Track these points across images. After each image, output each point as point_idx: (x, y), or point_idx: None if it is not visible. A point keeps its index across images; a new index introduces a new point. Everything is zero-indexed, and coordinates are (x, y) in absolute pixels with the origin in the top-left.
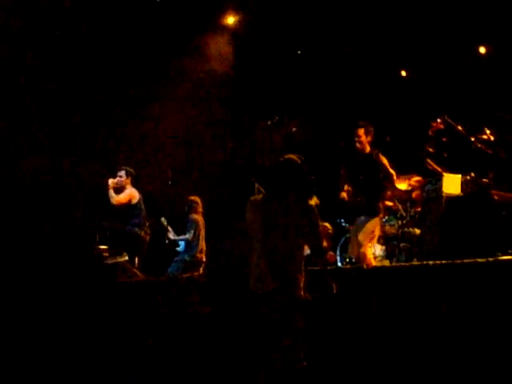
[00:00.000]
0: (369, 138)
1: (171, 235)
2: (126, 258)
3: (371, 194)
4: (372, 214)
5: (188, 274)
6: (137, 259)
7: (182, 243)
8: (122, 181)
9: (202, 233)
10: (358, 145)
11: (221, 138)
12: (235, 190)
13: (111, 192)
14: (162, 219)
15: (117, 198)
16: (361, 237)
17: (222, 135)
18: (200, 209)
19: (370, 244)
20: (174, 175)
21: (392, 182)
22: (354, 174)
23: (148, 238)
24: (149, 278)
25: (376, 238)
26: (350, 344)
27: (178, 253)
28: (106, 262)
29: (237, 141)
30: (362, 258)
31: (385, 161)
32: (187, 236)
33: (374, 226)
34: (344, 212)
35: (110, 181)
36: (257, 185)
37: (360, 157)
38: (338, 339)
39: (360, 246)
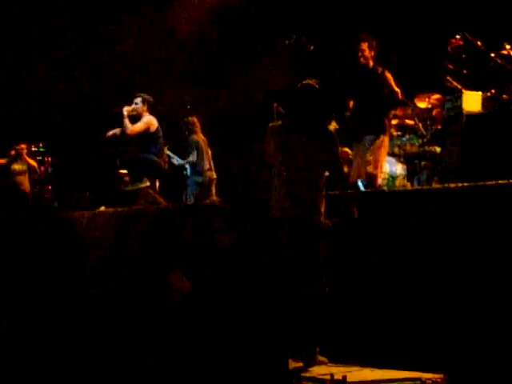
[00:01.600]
0: (372, 53)
1: (175, 161)
2: (148, 183)
3: (377, 111)
4: (379, 132)
5: (209, 201)
6: (158, 184)
7: (187, 166)
8: (138, 108)
9: (206, 151)
10: (361, 60)
11: (238, 60)
12: (254, 112)
13: (126, 121)
14: None
15: (131, 128)
16: (371, 156)
17: (239, 57)
18: (198, 128)
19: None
20: (192, 99)
21: (397, 99)
22: (359, 90)
23: (166, 166)
24: (171, 204)
25: (386, 156)
26: (371, 270)
27: (187, 177)
28: (128, 189)
29: (254, 62)
30: (370, 178)
31: (390, 77)
32: (191, 158)
33: (383, 143)
34: (349, 131)
35: (125, 109)
36: (275, 105)
37: (364, 72)
38: (359, 265)
39: (371, 165)
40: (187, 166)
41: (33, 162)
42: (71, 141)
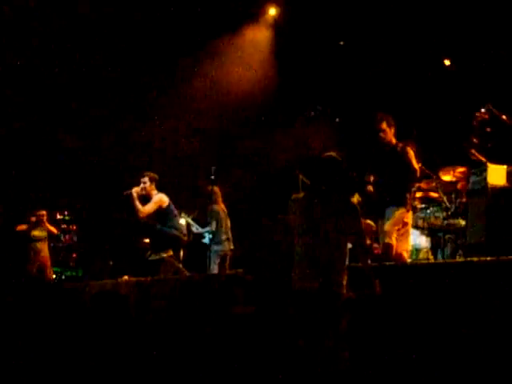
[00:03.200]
0: (392, 130)
1: (194, 228)
2: (171, 253)
3: (397, 186)
4: (399, 204)
5: (232, 272)
6: (182, 254)
7: (206, 235)
8: (146, 187)
9: (226, 221)
10: (383, 138)
11: (263, 131)
12: (279, 183)
13: (137, 203)
14: (182, 214)
15: (143, 210)
16: (387, 227)
17: (265, 128)
18: (219, 198)
19: (395, 234)
20: (216, 170)
21: (415, 178)
22: (381, 166)
23: (186, 238)
24: (193, 274)
25: (410, 230)
26: (395, 344)
27: (207, 246)
28: (151, 258)
29: (280, 133)
30: (386, 249)
31: (411, 154)
32: (209, 228)
33: (402, 215)
34: (371, 205)
35: (134, 190)
36: (300, 176)
37: (387, 149)
38: (382, 339)
39: (385, 236)
40: (206, 234)
41: (53, 229)
42: (96, 210)
